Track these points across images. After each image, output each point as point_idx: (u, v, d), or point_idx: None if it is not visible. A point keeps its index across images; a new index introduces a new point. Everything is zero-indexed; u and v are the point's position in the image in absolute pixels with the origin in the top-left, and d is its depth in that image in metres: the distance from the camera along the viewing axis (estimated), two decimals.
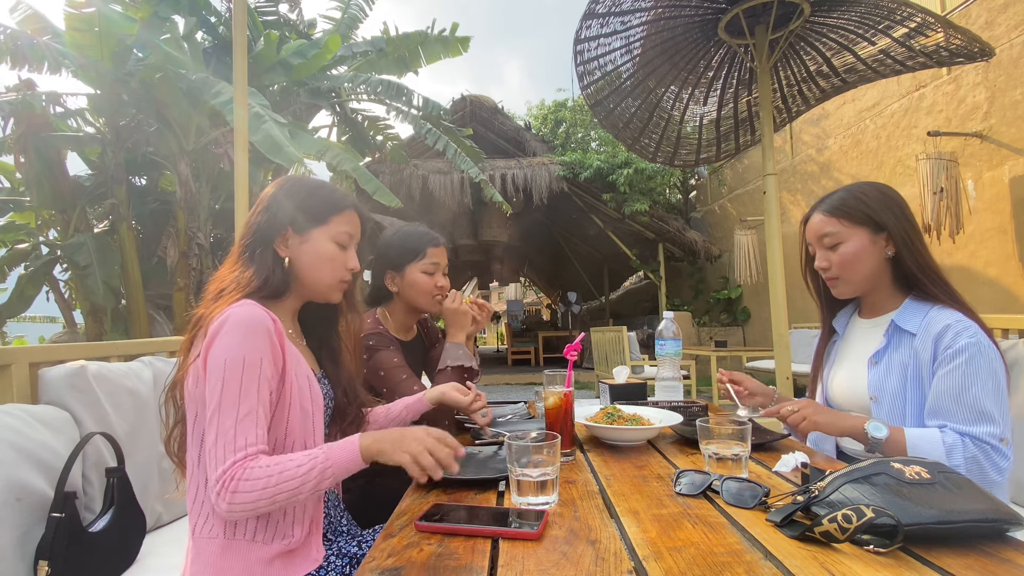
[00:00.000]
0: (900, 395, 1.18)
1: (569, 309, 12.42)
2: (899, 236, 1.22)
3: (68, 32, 5.14)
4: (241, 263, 1.03)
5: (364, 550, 1.01)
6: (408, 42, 7.21)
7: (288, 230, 1.06)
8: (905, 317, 1.21)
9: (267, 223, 1.05)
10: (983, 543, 0.67)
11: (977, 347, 1.09)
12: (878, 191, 1.27)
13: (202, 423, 0.91)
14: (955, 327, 1.12)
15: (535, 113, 12.47)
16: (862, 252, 1.24)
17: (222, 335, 0.90)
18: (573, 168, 8.39)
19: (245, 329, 0.90)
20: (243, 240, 1.06)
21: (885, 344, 1.23)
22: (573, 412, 1.14)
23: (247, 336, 0.90)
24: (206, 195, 6.30)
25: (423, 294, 1.58)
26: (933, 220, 4.65)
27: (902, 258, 1.23)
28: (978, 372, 1.07)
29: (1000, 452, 1.04)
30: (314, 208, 1.07)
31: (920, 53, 3.44)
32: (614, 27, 3.54)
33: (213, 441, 0.86)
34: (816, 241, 1.31)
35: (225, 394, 0.87)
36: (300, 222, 1.06)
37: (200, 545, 0.92)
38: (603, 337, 6.11)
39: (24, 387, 1.25)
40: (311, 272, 1.07)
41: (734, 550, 0.67)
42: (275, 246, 1.05)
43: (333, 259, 1.08)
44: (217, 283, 1.02)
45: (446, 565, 0.65)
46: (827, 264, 1.29)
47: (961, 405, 1.08)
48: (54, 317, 9.25)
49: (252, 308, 0.93)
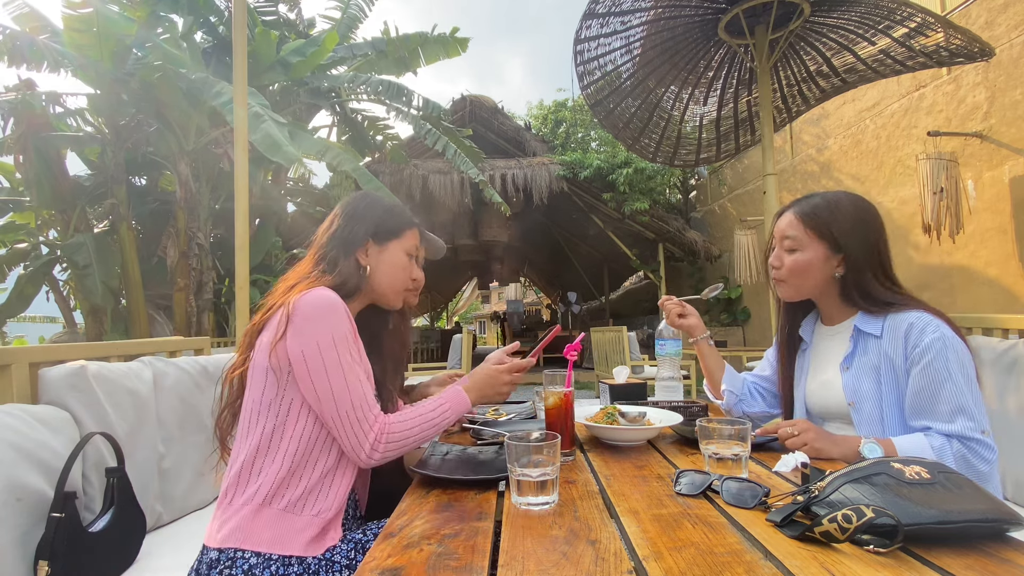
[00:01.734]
0: (876, 397, 1.19)
1: (569, 309, 12.43)
2: (853, 261, 1.24)
3: (67, 32, 5.14)
4: (321, 268, 1.14)
5: (368, 536, 1.06)
6: (408, 43, 7.22)
7: (369, 241, 1.19)
8: (865, 321, 1.23)
9: (350, 234, 1.18)
10: (983, 543, 0.67)
11: (943, 341, 1.10)
12: (855, 208, 1.26)
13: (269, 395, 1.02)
14: (918, 324, 1.14)
15: (535, 113, 12.47)
16: (813, 265, 1.26)
17: (318, 314, 1.00)
18: (573, 168, 8.39)
19: (336, 307, 1.03)
20: (323, 249, 1.17)
21: (852, 348, 1.25)
22: (573, 412, 1.14)
23: (340, 313, 1.03)
24: (206, 195, 6.30)
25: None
26: (933, 220, 4.65)
27: (846, 281, 1.25)
28: (949, 367, 1.09)
29: (984, 444, 1.06)
30: (392, 223, 1.22)
31: (920, 53, 3.44)
32: (614, 27, 3.54)
33: (350, 404, 1.00)
34: (779, 239, 1.33)
35: (346, 365, 1.00)
36: (381, 234, 1.20)
37: (231, 511, 0.99)
38: (603, 337, 6.11)
39: (24, 387, 1.25)
40: (386, 279, 1.20)
41: (734, 550, 0.67)
42: (356, 255, 1.17)
43: (405, 268, 1.22)
44: (289, 281, 1.12)
45: (446, 565, 0.65)
46: (779, 264, 1.32)
47: (938, 403, 1.09)
48: (54, 317, 9.24)
49: (327, 291, 1.04)
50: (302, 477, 1.01)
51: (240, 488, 1.00)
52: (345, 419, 0.99)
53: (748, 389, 1.55)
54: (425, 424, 1.07)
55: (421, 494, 0.93)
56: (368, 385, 1.04)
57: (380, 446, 1.01)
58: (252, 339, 1.07)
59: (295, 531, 0.98)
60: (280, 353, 1.00)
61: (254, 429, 1.02)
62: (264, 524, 0.97)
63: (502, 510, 0.83)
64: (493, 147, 9.65)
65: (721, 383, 1.55)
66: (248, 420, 1.04)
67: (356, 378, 1.01)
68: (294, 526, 0.99)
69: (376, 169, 7.86)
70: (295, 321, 0.99)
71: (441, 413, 1.09)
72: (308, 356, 0.98)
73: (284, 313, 1.01)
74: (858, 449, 1.08)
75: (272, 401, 1.02)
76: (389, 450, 1.02)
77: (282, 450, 1.01)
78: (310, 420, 1.03)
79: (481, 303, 35.70)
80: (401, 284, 1.22)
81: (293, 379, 1.01)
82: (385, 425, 1.02)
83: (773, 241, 1.37)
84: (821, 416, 1.34)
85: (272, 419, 1.02)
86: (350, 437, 1.00)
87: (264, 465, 1.01)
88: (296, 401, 1.02)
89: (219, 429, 1.11)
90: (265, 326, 1.06)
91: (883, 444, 1.09)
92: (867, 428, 1.20)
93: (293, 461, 1.01)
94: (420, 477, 1.01)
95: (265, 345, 1.02)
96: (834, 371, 1.28)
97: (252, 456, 1.01)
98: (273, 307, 1.06)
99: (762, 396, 1.55)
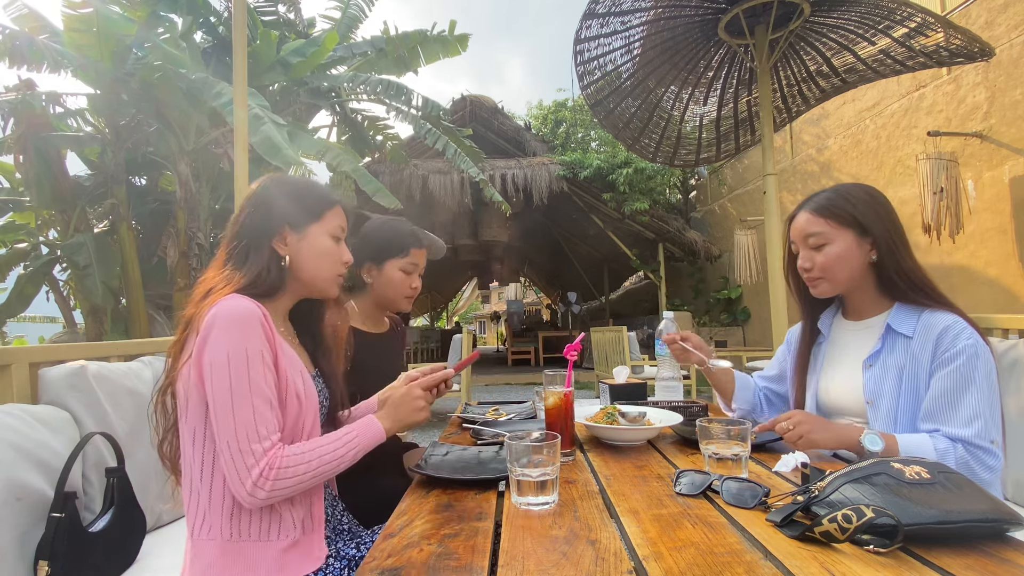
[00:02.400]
0: (895, 398, 1.18)
1: (569, 309, 12.43)
2: (883, 242, 1.22)
3: (67, 33, 5.14)
4: (231, 264, 1.02)
5: (363, 552, 1.01)
6: (407, 42, 7.22)
7: (285, 228, 1.05)
8: (899, 320, 1.21)
9: (262, 223, 1.04)
10: (983, 543, 0.67)
11: (975, 349, 1.09)
12: (866, 193, 1.26)
13: (193, 421, 0.92)
14: (954, 328, 1.12)
15: (535, 113, 12.48)
16: (846, 255, 1.23)
17: (218, 330, 0.88)
18: (573, 168, 8.39)
19: (241, 321, 0.90)
20: (233, 242, 1.04)
21: (879, 347, 1.23)
22: (573, 412, 1.14)
23: (243, 327, 0.90)
24: (206, 195, 6.30)
25: (397, 292, 1.60)
26: (933, 220, 4.65)
27: (884, 264, 1.23)
28: (975, 374, 1.08)
29: (990, 452, 1.05)
30: (308, 205, 1.08)
31: (920, 53, 3.44)
32: (614, 27, 3.54)
33: (233, 434, 0.86)
34: (801, 240, 1.29)
35: (236, 387, 0.87)
36: (297, 220, 1.06)
37: (199, 546, 0.92)
38: (603, 337, 6.11)
39: (24, 387, 1.25)
40: (311, 268, 1.07)
41: (734, 550, 0.67)
42: (273, 245, 1.04)
43: (331, 253, 1.09)
44: (205, 285, 1.00)
45: (446, 565, 0.65)
46: (810, 264, 1.27)
47: (956, 407, 1.08)
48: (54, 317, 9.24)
49: (241, 300, 0.92)
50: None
51: (197, 521, 0.93)
52: (226, 449, 0.86)
53: (759, 399, 1.53)
54: (326, 457, 0.92)
55: (421, 494, 0.93)
56: (266, 411, 0.89)
57: (266, 483, 0.86)
58: (176, 358, 0.95)
59: (269, 559, 0.92)
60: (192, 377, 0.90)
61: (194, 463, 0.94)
62: (233, 559, 0.91)
63: (502, 510, 0.83)
64: (493, 147, 9.65)
65: (732, 400, 1.51)
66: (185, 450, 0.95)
67: (245, 403, 0.87)
68: (267, 554, 0.92)
69: (376, 169, 7.86)
70: (199, 339, 0.89)
71: (346, 443, 0.95)
72: (204, 376, 0.88)
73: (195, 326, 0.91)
74: (858, 439, 1.08)
75: (196, 428, 0.93)
76: (277, 488, 0.87)
77: (218, 479, 0.92)
78: None
79: (481, 303, 35.69)
80: (330, 271, 1.09)
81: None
82: (276, 459, 0.88)
83: (793, 247, 1.33)
84: (833, 412, 1.32)
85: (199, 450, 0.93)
86: (230, 470, 0.86)
87: (210, 500, 0.92)
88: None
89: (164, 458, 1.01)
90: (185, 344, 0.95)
91: (885, 438, 1.08)
92: (881, 427, 1.18)
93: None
94: (420, 477, 1.00)
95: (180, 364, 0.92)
96: (854, 367, 1.26)
97: (197, 491, 0.93)
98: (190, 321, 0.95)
99: (771, 403, 1.53)
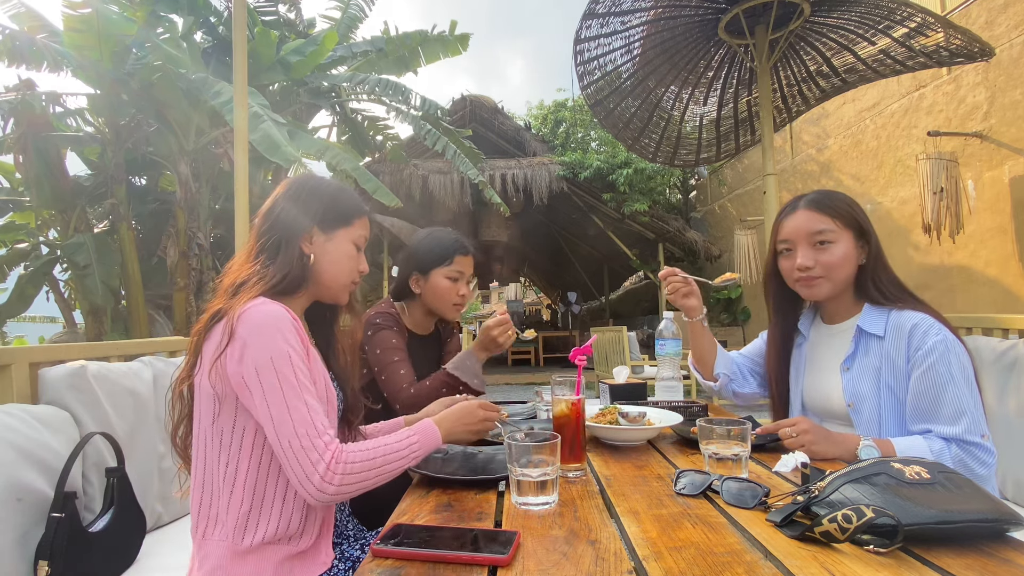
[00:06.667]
0: (875, 399, 1.19)
1: (569, 309, 12.42)
2: (875, 247, 1.23)
3: (66, 33, 5.14)
4: (263, 257, 1.01)
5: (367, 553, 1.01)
6: (408, 42, 7.22)
7: (315, 228, 1.05)
8: (868, 321, 1.21)
9: (294, 218, 1.04)
10: (983, 543, 0.67)
11: (945, 345, 1.10)
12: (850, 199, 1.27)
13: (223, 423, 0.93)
14: (922, 326, 1.13)
15: (535, 113, 12.46)
16: (851, 255, 1.23)
17: (258, 336, 0.89)
18: (573, 168, 8.39)
19: (278, 325, 0.91)
20: (266, 235, 1.03)
21: (854, 349, 1.23)
22: (584, 424, 1.02)
23: (282, 331, 0.91)
24: (206, 195, 6.30)
25: (444, 300, 1.62)
26: (933, 220, 4.65)
27: (867, 268, 1.23)
28: (951, 370, 1.09)
29: (983, 447, 1.06)
30: (341, 209, 1.08)
31: (920, 53, 3.44)
32: (614, 27, 3.54)
33: (294, 433, 0.87)
34: (803, 238, 1.23)
35: (287, 387, 0.88)
36: (328, 221, 1.06)
37: (208, 548, 0.92)
38: (603, 337, 6.11)
39: (24, 387, 1.25)
40: (332, 271, 1.07)
41: (734, 550, 0.67)
42: (300, 243, 1.03)
43: (352, 259, 1.09)
44: (233, 276, 1.00)
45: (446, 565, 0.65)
46: (812, 263, 1.22)
47: (941, 406, 1.09)
48: (54, 317, 9.26)
49: (274, 306, 0.93)
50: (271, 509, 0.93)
51: (208, 523, 0.94)
52: (288, 449, 0.87)
53: (738, 369, 1.54)
54: (390, 455, 0.93)
55: (421, 494, 0.93)
56: (318, 407, 0.91)
57: (334, 477, 0.86)
58: (199, 344, 0.96)
59: (277, 563, 0.92)
60: (222, 376, 0.91)
61: (210, 463, 0.94)
62: (242, 563, 0.91)
63: (502, 510, 0.83)
64: (493, 147, 9.65)
65: (714, 365, 1.53)
66: (201, 450, 0.95)
67: (298, 401, 0.88)
68: (275, 557, 0.93)
69: (376, 169, 7.86)
70: (235, 344, 0.89)
71: (408, 446, 0.96)
72: (249, 382, 0.88)
73: (227, 329, 0.91)
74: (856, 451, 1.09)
75: (224, 430, 0.93)
76: (346, 482, 0.88)
77: (239, 483, 0.93)
78: (266, 449, 0.94)
79: (481, 303, 35.70)
80: (347, 277, 1.09)
81: (242, 406, 0.92)
82: (340, 453, 0.88)
83: (787, 244, 1.28)
84: (820, 415, 1.33)
85: (225, 453, 0.93)
86: (296, 469, 0.87)
87: (225, 503, 0.93)
88: (249, 430, 0.93)
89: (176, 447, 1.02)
90: (210, 334, 0.95)
91: (882, 446, 1.09)
92: (865, 429, 1.20)
93: (254, 495, 0.93)
94: (420, 477, 1.00)
95: (207, 362, 0.93)
96: (834, 371, 1.27)
97: (210, 493, 0.94)
98: (219, 313, 0.96)
99: (753, 376, 1.54)
